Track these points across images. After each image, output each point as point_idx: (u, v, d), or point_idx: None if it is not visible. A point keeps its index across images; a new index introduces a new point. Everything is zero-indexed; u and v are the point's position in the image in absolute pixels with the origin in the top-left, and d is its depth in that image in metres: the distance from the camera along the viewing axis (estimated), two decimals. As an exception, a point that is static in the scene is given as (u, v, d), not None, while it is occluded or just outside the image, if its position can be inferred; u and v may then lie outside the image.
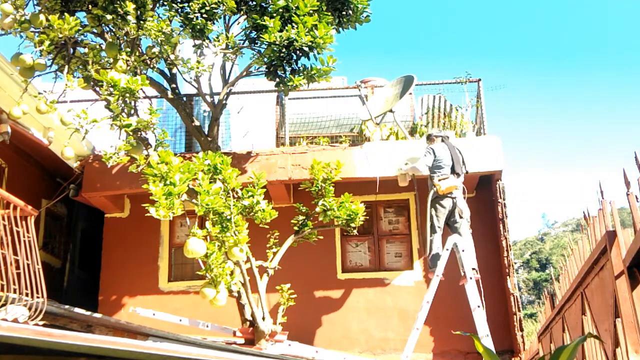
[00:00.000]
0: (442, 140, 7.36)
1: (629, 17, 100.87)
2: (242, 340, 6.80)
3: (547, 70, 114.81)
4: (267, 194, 7.52)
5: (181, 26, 6.57)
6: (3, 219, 5.12)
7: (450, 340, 7.86)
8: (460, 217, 6.96)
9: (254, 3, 6.80)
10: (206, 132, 7.53)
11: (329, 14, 6.84)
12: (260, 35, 6.49)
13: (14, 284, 4.96)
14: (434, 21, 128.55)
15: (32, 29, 6.15)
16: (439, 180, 6.96)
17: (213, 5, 6.45)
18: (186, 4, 6.52)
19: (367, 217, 7.63)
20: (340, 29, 7.34)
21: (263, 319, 6.62)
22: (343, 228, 7.41)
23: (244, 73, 7.46)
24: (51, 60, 6.34)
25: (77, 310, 6.70)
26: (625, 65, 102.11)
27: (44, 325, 5.02)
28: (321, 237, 7.52)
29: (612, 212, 4.72)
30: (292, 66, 6.63)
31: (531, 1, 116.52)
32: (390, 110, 8.18)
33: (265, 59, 6.60)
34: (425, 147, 7.45)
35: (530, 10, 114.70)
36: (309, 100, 9.50)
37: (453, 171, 7.04)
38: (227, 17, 7.12)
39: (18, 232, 5.22)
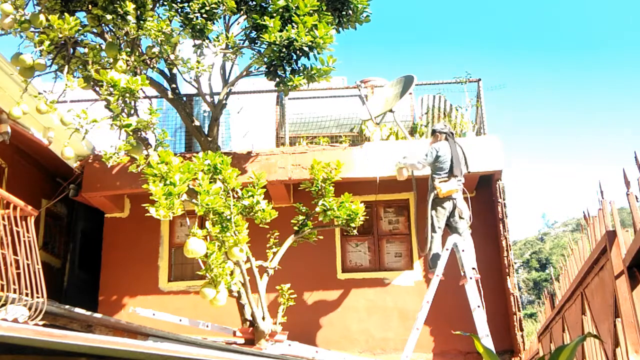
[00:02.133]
0: (447, 138, 7.17)
1: (630, 13, 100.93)
2: (242, 340, 6.81)
3: (549, 70, 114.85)
4: (267, 194, 7.52)
5: (181, 26, 6.56)
6: (3, 219, 5.12)
7: (450, 340, 7.87)
8: (461, 218, 6.93)
9: (254, 3, 6.80)
10: (206, 132, 7.53)
11: (329, 14, 6.84)
12: (260, 35, 6.48)
13: (14, 284, 4.96)
14: (434, 21, 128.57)
15: (32, 29, 6.15)
16: (440, 182, 6.91)
17: (213, 5, 6.44)
18: (186, 4, 6.52)
19: (367, 217, 7.63)
20: (340, 29, 7.34)
21: (263, 319, 6.62)
22: (343, 228, 7.41)
23: (244, 73, 7.46)
24: (51, 60, 6.34)
25: (77, 310, 6.70)
26: (626, 63, 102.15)
27: (44, 325, 5.02)
28: (321, 237, 7.52)
29: (612, 212, 4.72)
30: (292, 66, 6.62)
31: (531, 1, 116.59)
32: (390, 110, 8.18)
33: (265, 59, 6.60)
34: (429, 145, 7.28)
35: (530, 8, 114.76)
36: (309, 100, 9.50)
37: (452, 173, 6.96)
38: (227, 17, 7.12)
39: (18, 232, 5.22)
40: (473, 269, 6.64)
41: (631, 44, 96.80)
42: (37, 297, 5.14)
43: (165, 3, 6.60)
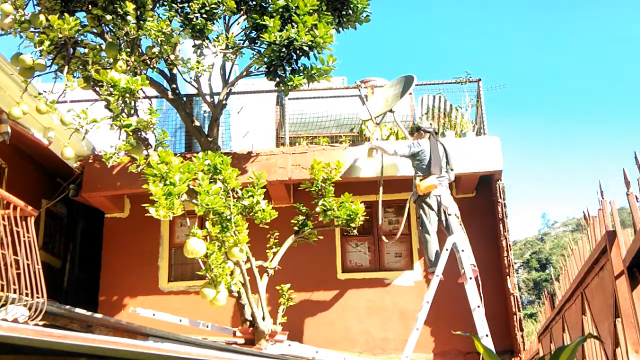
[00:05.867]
0: (430, 138, 7.34)
1: (631, 16, 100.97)
2: (242, 340, 6.81)
3: (549, 70, 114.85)
4: (267, 194, 7.51)
5: (181, 26, 6.56)
6: (3, 219, 5.11)
7: (450, 340, 7.86)
8: (448, 215, 6.97)
9: (254, 3, 6.80)
10: (206, 132, 7.53)
11: (329, 13, 6.84)
12: (260, 35, 6.48)
13: (14, 284, 4.96)
14: (433, 21, 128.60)
15: (32, 29, 6.15)
16: (420, 180, 7.07)
17: (213, 5, 6.44)
18: (186, 4, 6.52)
19: (367, 217, 7.63)
20: (340, 28, 7.34)
21: (263, 319, 6.62)
22: (343, 228, 7.41)
23: (244, 73, 7.46)
24: (51, 60, 6.34)
25: (78, 310, 6.69)
26: (627, 62, 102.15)
27: (44, 326, 5.02)
28: (321, 237, 7.52)
29: (612, 212, 4.72)
30: (292, 66, 6.62)
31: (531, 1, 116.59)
32: (390, 110, 8.17)
33: (265, 59, 6.59)
34: (411, 140, 7.54)
35: (530, 7, 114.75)
36: (309, 100, 9.49)
37: (430, 171, 7.05)
38: (227, 17, 7.11)
39: (18, 232, 5.22)
40: (472, 265, 6.65)
41: (632, 43, 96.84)
42: (37, 297, 5.14)
43: (165, 3, 6.60)
